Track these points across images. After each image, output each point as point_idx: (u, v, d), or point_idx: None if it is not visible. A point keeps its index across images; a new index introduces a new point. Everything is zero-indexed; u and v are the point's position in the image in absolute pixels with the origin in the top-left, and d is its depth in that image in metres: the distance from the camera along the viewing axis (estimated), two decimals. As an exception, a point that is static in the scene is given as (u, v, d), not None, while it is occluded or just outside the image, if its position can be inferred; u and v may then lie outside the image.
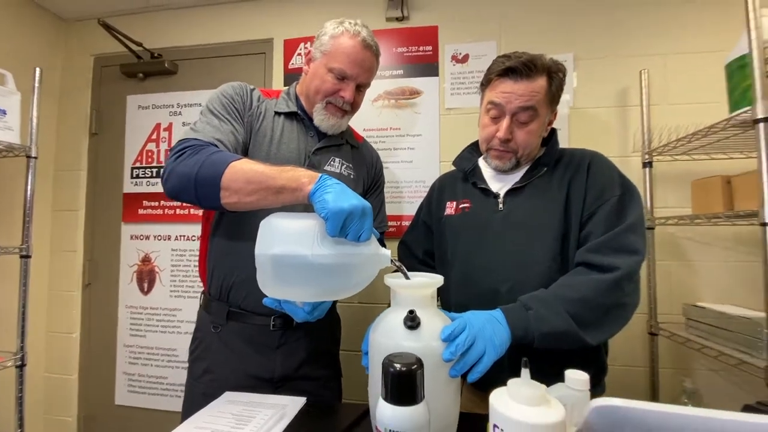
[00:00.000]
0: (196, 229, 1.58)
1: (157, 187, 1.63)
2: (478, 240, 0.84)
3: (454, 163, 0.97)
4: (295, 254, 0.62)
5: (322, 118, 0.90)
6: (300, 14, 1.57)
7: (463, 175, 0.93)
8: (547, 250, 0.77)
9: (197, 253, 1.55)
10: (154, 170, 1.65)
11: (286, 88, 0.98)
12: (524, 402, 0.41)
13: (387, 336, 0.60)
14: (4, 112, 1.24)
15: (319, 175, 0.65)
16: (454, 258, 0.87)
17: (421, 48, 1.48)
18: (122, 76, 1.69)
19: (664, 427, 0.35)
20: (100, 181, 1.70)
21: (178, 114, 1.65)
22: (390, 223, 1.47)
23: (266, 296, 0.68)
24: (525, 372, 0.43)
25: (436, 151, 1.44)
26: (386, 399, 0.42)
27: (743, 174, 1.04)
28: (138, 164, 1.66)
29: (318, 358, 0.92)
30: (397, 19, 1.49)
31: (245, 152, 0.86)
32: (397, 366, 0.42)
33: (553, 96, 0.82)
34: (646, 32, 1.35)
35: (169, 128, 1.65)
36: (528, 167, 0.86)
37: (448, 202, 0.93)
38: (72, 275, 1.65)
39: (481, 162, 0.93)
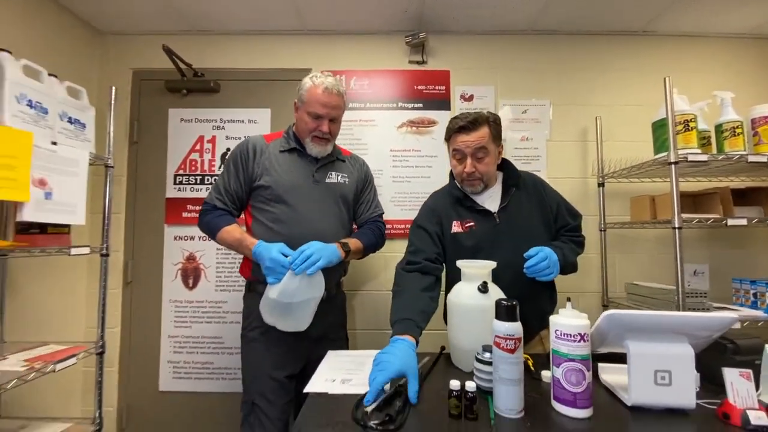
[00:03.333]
0: (242, 231, 1.80)
1: (201, 193, 1.81)
2: (489, 246, 1.17)
3: (451, 193, 1.23)
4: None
5: (311, 148, 1.26)
6: (335, 50, 1.86)
7: (456, 200, 1.21)
8: (535, 243, 1.14)
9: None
10: (198, 178, 1.83)
11: (286, 128, 1.35)
12: (570, 317, 0.78)
13: (469, 298, 0.97)
14: (83, 126, 1.39)
15: (254, 247, 1.13)
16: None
17: (436, 87, 1.86)
18: (163, 90, 1.85)
19: (653, 325, 0.74)
20: (140, 187, 1.84)
21: (222, 128, 1.85)
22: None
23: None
24: (569, 304, 0.80)
25: (447, 170, 1.82)
26: (501, 319, 0.77)
27: (663, 194, 1.56)
28: (181, 172, 1.83)
29: (337, 325, 1.35)
30: (418, 63, 1.85)
31: (250, 189, 1.26)
32: (507, 303, 0.78)
33: (496, 136, 1.15)
34: (598, 90, 1.87)
35: (212, 140, 1.85)
36: (501, 190, 1.19)
37: (454, 222, 1.19)
38: (113, 274, 1.77)
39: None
